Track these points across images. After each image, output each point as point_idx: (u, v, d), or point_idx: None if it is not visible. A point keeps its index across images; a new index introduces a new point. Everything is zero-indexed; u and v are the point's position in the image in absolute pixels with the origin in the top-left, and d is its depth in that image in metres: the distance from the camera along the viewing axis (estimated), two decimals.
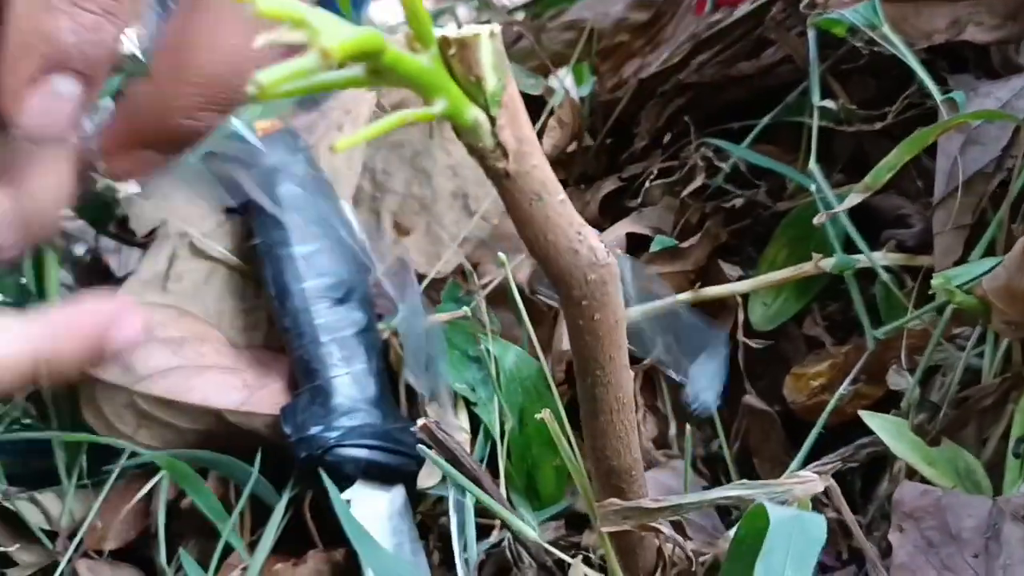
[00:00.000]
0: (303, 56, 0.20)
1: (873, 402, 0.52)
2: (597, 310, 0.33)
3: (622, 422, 0.37)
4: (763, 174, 0.64)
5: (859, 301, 0.52)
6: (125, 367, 0.55)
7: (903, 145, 0.45)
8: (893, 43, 0.49)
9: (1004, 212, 0.45)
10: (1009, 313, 0.43)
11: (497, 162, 0.29)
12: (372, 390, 0.58)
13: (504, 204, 0.31)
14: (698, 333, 0.56)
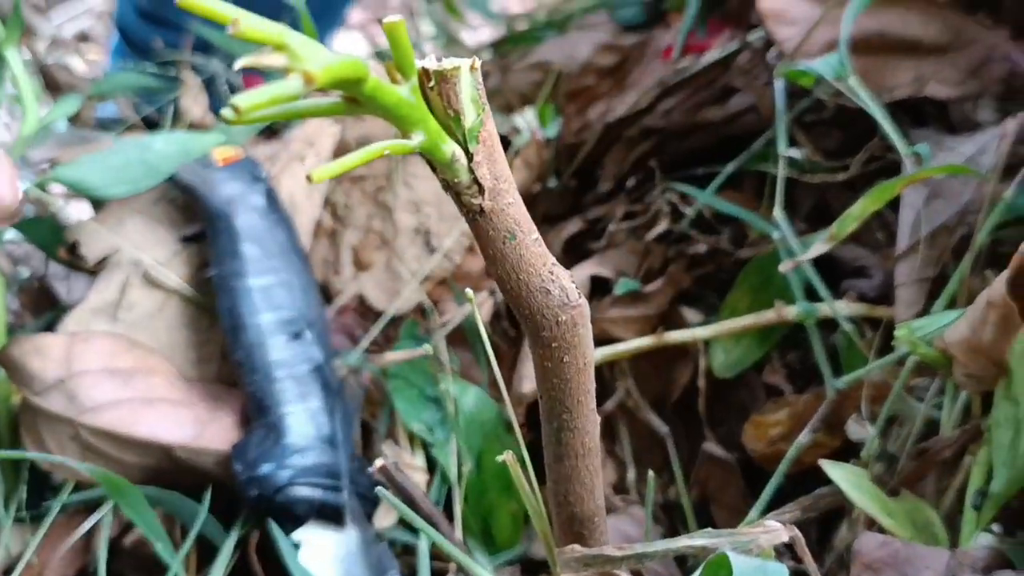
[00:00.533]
0: (284, 80, 0.19)
1: (831, 451, 0.52)
2: (566, 352, 0.33)
3: (587, 467, 0.37)
4: (726, 221, 0.64)
5: (820, 350, 0.52)
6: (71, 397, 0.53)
7: (869, 196, 0.45)
8: (859, 95, 0.50)
9: (966, 266, 0.45)
10: (970, 366, 0.43)
11: (472, 198, 0.28)
12: (327, 428, 0.57)
13: (476, 241, 0.30)
14: None
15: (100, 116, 0.91)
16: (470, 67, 0.26)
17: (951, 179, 0.48)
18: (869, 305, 0.53)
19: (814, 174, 0.58)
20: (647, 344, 0.58)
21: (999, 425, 0.42)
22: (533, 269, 0.31)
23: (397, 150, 0.25)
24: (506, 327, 0.67)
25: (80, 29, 1.62)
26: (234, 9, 0.20)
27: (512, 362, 0.64)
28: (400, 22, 0.23)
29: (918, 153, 0.46)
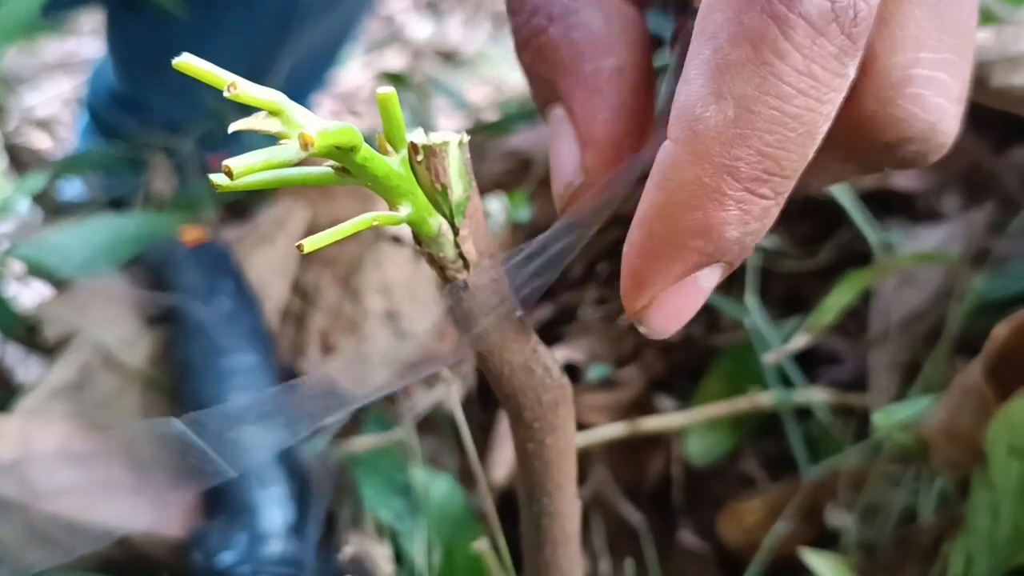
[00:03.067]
0: (280, 145, 0.19)
1: (807, 540, 0.52)
2: (548, 433, 0.32)
3: (567, 555, 0.36)
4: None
5: (796, 438, 0.52)
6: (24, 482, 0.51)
7: (844, 285, 0.46)
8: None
9: (941, 352, 0.46)
10: (947, 452, 0.43)
11: (457, 274, 0.28)
12: (291, 516, 0.55)
13: (459, 318, 0.30)
14: None
15: (66, 196, 0.90)
16: (459, 142, 0.26)
17: (920, 267, 0.49)
18: (843, 392, 0.53)
19: (784, 261, 0.59)
20: (621, 432, 0.57)
21: (977, 511, 0.42)
22: (516, 347, 0.30)
23: (385, 222, 0.24)
24: (477, 413, 0.66)
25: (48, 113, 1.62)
26: (230, 75, 0.19)
27: (484, 449, 0.63)
28: (392, 94, 0.23)
29: (889, 242, 0.47)
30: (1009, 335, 0.40)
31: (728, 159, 0.24)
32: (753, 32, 0.24)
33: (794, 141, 0.24)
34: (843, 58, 0.24)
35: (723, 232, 0.25)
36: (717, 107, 0.24)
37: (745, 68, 0.24)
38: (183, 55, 0.19)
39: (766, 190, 0.25)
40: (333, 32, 1.12)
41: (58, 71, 1.76)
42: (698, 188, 0.25)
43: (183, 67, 0.19)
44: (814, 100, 0.24)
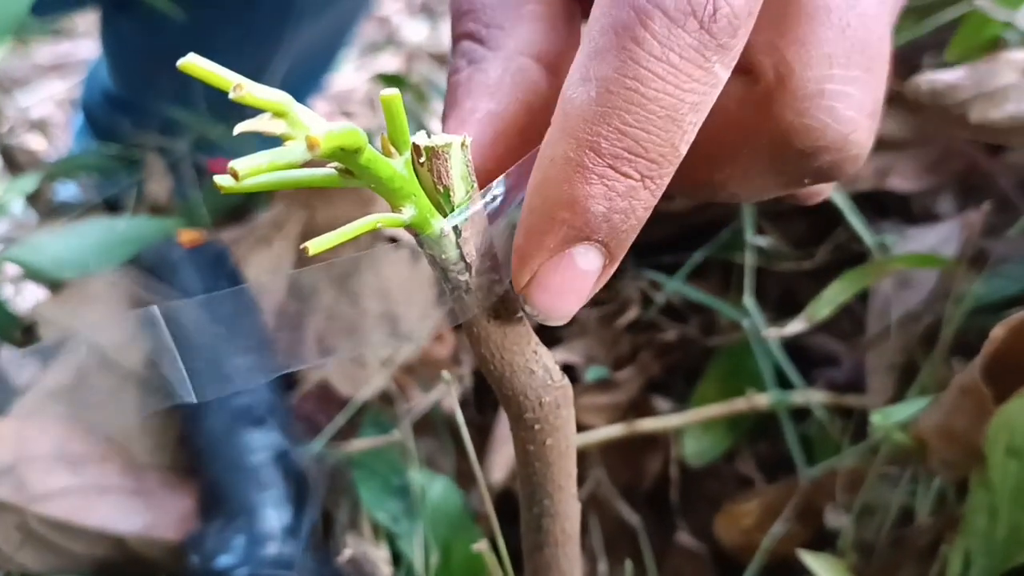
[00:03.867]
0: (286, 146, 0.19)
1: (803, 541, 0.52)
2: (549, 434, 0.32)
3: (567, 555, 0.36)
4: (694, 309, 0.64)
5: (793, 439, 0.52)
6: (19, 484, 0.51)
7: (844, 280, 0.46)
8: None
9: (939, 353, 0.46)
10: (945, 453, 0.43)
11: (459, 275, 0.28)
12: (288, 518, 0.55)
13: (460, 319, 0.30)
14: None
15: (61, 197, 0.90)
16: (461, 144, 0.26)
17: (916, 268, 0.49)
18: (840, 393, 0.53)
19: (780, 262, 0.59)
20: (618, 433, 0.57)
21: (975, 512, 0.42)
22: (517, 348, 0.30)
23: (389, 223, 0.24)
24: (474, 416, 0.66)
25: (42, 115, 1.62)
26: (235, 75, 0.19)
27: (481, 451, 0.63)
28: (396, 95, 0.23)
29: (885, 244, 0.47)
30: (1007, 336, 0.40)
31: (590, 135, 0.26)
32: (618, 22, 0.26)
33: (654, 124, 0.26)
34: (703, 51, 0.26)
35: (587, 205, 0.27)
36: (583, 88, 0.27)
37: (608, 53, 0.26)
38: (189, 55, 0.19)
39: (629, 169, 0.27)
40: (328, 35, 1.12)
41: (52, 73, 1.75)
42: (565, 163, 0.27)
43: (188, 68, 0.19)
44: (672, 86, 0.26)
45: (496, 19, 0.33)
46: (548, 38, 0.33)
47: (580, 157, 0.27)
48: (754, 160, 0.31)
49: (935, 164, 0.56)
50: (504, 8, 0.33)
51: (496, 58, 0.32)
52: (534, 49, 0.32)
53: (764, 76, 0.29)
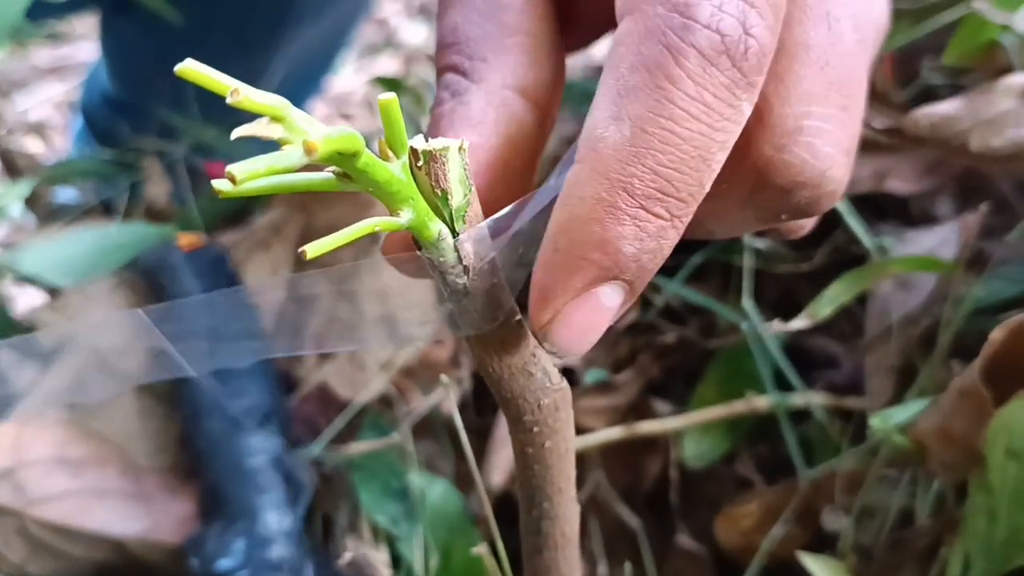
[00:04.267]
0: (283, 150, 0.19)
1: (803, 543, 0.52)
2: (548, 437, 0.32)
3: (566, 559, 0.36)
4: (693, 312, 0.64)
5: (792, 441, 0.52)
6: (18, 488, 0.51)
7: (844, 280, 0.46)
8: None
9: (939, 355, 0.46)
10: (944, 455, 0.43)
11: (457, 278, 0.28)
12: (288, 521, 0.55)
13: (458, 322, 0.30)
14: None
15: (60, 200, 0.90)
16: (459, 148, 0.26)
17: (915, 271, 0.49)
18: (839, 395, 0.53)
19: (779, 265, 0.59)
20: (617, 435, 0.57)
21: (974, 514, 0.42)
22: (516, 351, 0.30)
23: (387, 227, 0.24)
24: (473, 418, 0.66)
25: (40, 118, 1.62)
26: (232, 80, 0.19)
27: (480, 454, 0.63)
28: (393, 100, 0.23)
29: (883, 246, 0.47)
30: (1006, 338, 0.40)
31: (624, 175, 0.26)
32: (650, 60, 0.26)
33: (687, 164, 0.26)
34: (734, 89, 0.27)
35: (619, 246, 0.27)
36: (615, 127, 0.26)
37: (641, 92, 0.26)
38: (186, 61, 0.19)
39: (661, 209, 0.27)
40: (327, 37, 1.12)
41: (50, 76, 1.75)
42: (596, 203, 0.26)
43: (185, 73, 0.19)
44: (706, 125, 0.26)
45: (479, 52, 0.32)
46: (532, 71, 0.32)
47: (613, 198, 0.26)
48: (731, 196, 0.31)
49: (933, 166, 0.56)
50: (488, 40, 0.32)
51: (479, 91, 0.32)
52: (518, 82, 0.32)
53: None
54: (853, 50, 0.30)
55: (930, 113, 0.48)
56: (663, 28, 0.26)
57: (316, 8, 1.01)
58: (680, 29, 0.26)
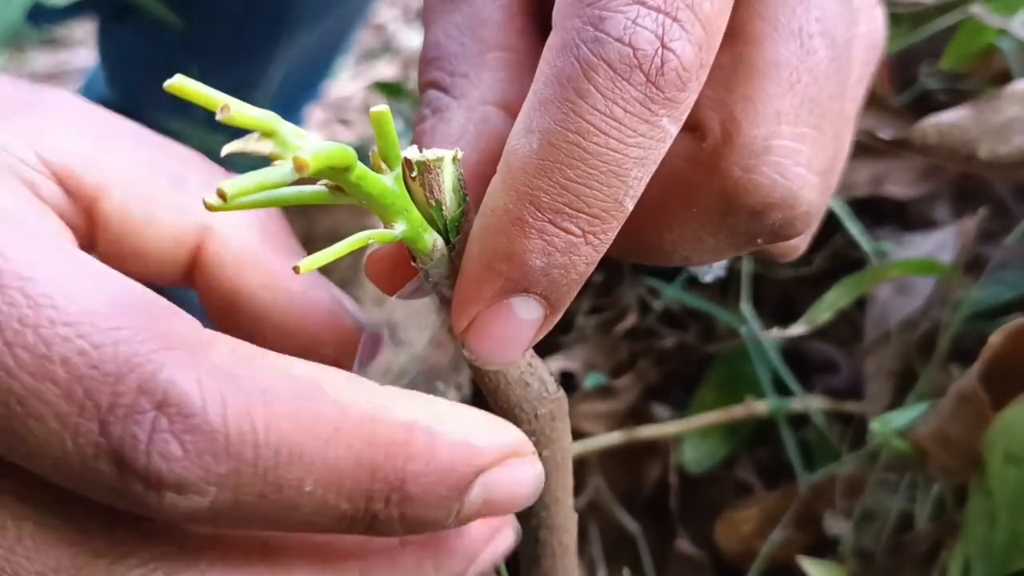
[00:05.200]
0: (274, 166, 0.19)
1: (803, 547, 0.52)
2: (545, 446, 0.32)
3: (564, 567, 0.36)
4: (693, 316, 0.64)
5: (792, 445, 0.52)
6: None
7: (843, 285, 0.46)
8: None
9: (938, 359, 0.46)
10: (943, 459, 0.43)
11: (452, 289, 0.28)
12: None
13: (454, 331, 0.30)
14: None
15: None
16: (453, 158, 0.26)
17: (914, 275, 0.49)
18: (839, 400, 0.53)
19: (777, 269, 0.59)
20: (617, 440, 0.57)
21: (974, 518, 0.42)
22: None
23: (381, 239, 0.24)
24: None
25: None
26: (222, 96, 0.19)
27: None
28: (386, 112, 0.23)
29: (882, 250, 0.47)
30: (1004, 342, 0.40)
31: (531, 188, 0.26)
32: (562, 73, 0.26)
33: (596, 179, 0.26)
34: (649, 105, 0.25)
35: (525, 259, 0.26)
36: (526, 140, 0.26)
37: (552, 105, 0.26)
38: (176, 77, 0.19)
39: (570, 224, 0.26)
40: (325, 43, 1.12)
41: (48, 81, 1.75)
42: (503, 214, 0.26)
43: (176, 89, 0.19)
44: (615, 140, 0.25)
45: (460, 68, 0.32)
46: (512, 86, 0.32)
47: (519, 210, 0.26)
48: (704, 220, 0.30)
49: (931, 171, 0.56)
50: (468, 56, 0.32)
51: (460, 107, 0.31)
52: (498, 97, 0.31)
53: (711, 132, 0.29)
54: (827, 68, 0.29)
55: (937, 123, 0.48)
56: (576, 41, 0.25)
57: (314, 13, 1.01)
58: (591, 42, 0.25)
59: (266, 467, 0.21)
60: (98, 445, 0.21)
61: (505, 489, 0.25)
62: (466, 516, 0.25)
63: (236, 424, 0.21)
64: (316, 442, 0.22)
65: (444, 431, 0.24)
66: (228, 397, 0.21)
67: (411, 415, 0.23)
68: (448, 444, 0.24)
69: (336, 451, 0.22)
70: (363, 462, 0.22)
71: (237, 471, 0.21)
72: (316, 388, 0.22)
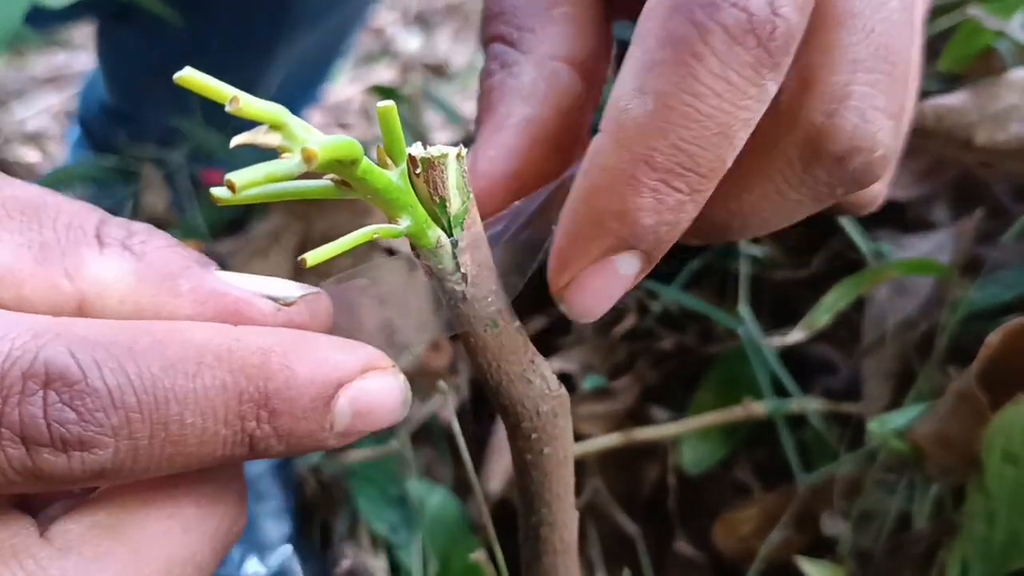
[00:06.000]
0: (282, 158, 0.19)
1: (801, 548, 0.52)
2: (547, 443, 0.32)
3: (565, 565, 0.36)
4: (691, 318, 0.64)
5: (790, 446, 0.52)
6: None
7: (839, 288, 0.46)
8: None
9: (935, 360, 0.46)
10: (941, 459, 0.43)
11: (456, 285, 0.28)
12: (286, 529, 0.55)
13: (458, 329, 0.30)
14: None
15: None
16: (457, 155, 0.26)
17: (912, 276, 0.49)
18: (837, 401, 0.53)
19: (776, 271, 0.59)
20: (615, 441, 0.57)
21: (973, 518, 0.42)
22: (514, 358, 0.30)
23: (386, 234, 0.24)
24: (471, 425, 0.66)
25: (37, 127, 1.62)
26: (231, 88, 0.19)
27: (478, 461, 0.62)
28: (392, 107, 0.23)
29: (881, 251, 0.48)
30: (1002, 343, 0.40)
31: (645, 149, 0.27)
32: (676, 36, 0.26)
33: (708, 140, 0.27)
34: (760, 68, 0.27)
35: (638, 217, 0.28)
36: (639, 101, 0.27)
37: (666, 67, 0.27)
38: (185, 69, 0.19)
39: (680, 183, 0.27)
40: (324, 46, 1.12)
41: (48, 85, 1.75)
42: (617, 173, 0.27)
43: (185, 81, 0.19)
44: (728, 103, 0.27)
45: (527, 22, 0.33)
46: (579, 41, 0.33)
47: (634, 170, 0.27)
48: (787, 174, 0.31)
49: (928, 172, 0.56)
50: (534, 11, 0.33)
51: (528, 62, 0.32)
52: (566, 52, 0.32)
53: (787, 84, 0.29)
54: (899, 17, 0.30)
55: (936, 105, 0.48)
56: (691, 4, 0.26)
57: (313, 15, 1.01)
58: (707, 6, 0.26)
59: (150, 409, 0.23)
60: (1, 435, 0.22)
61: (370, 399, 0.27)
62: (342, 431, 0.26)
63: (114, 380, 0.23)
64: (185, 378, 0.23)
65: (297, 352, 0.25)
66: (101, 360, 0.23)
67: (265, 343, 0.25)
68: (303, 362, 0.25)
69: (203, 382, 0.23)
70: (229, 387, 0.24)
71: (127, 419, 0.23)
72: (174, 335, 0.24)
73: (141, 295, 0.25)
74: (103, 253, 0.25)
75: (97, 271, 0.25)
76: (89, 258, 0.25)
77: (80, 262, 0.25)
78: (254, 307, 0.26)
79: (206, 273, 0.26)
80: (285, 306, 0.27)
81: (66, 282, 0.24)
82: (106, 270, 0.25)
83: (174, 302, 0.25)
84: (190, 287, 0.26)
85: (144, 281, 0.25)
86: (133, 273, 0.25)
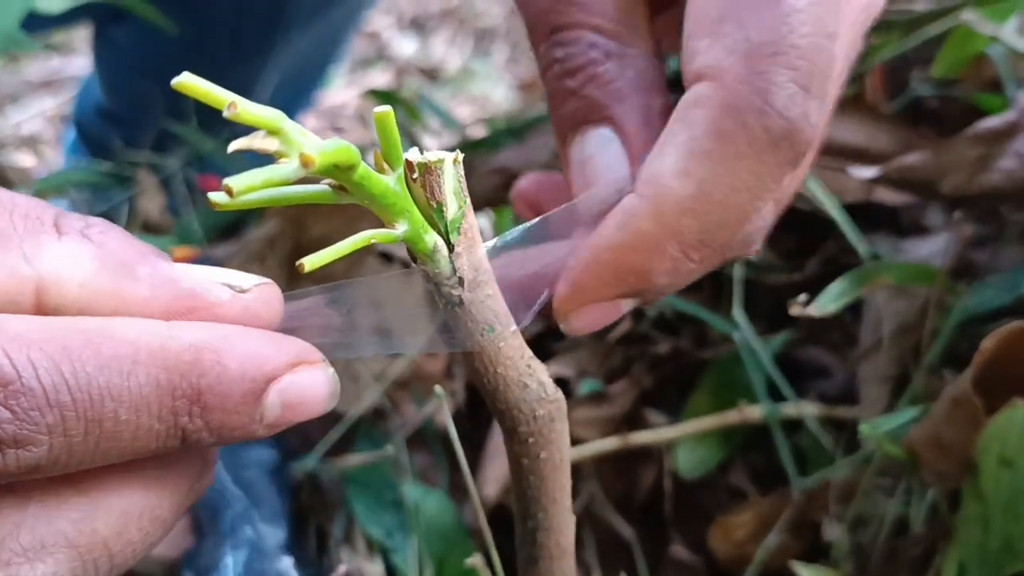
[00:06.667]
0: (280, 163, 0.19)
1: (797, 552, 0.52)
2: (543, 448, 0.32)
3: (561, 569, 0.36)
4: (686, 322, 0.65)
5: (786, 450, 0.52)
6: None
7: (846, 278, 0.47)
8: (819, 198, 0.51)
9: (930, 364, 0.46)
10: (937, 464, 0.43)
11: (452, 289, 0.28)
12: (282, 533, 0.55)
13: (454, 333, 0.30)
14: None
15: None
16: (453, 160, 0.26)
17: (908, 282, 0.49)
18: (832, 405, 0.53)
19: (771, 275, 0.59)
20: (611, 446, 0.57)
21: (968, 522, 0.42)
22: (511, 362, 0.30)
23: (383, 239, 0.25)
24: (467, 430, 0.66)
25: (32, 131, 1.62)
26: (229, 94, 0.20)
27: (474, 465, 0.62)
28: (389, 113, 0.23)
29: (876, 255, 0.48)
30: (997, 347, 0.40)
31: (678, 226, 0.31)
32: (725, 132, 0.30)
33: (730, 224, 0.31)
34: (786, 167, 0.30)
35: (654, 279, 0.32)
36: (680, 182, 0.31)
37: (712, 159, 0.30)
38: (183, 74, 0.19)
39: (696, 255, 0.31)
40: (319, 50, 1.12)
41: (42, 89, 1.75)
42: (649, 239, 0.31)
43: (183, 87, 0.19)
44: (755, 196, 0.31)
45: (608, 12, 0.35)
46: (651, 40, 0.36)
47: (664, 241, 0.31)
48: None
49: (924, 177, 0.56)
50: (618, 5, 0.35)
51: (632, 51, 0.35)
52: (653, 49, 0.35)
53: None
54: None
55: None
56: (743, 107, 0.29)
57: (307, 18, 1.01)
58: (758, 113, 0.29)
59: (84, 408, 0.23)
60: None
61: (299, 392, 0.27)
62: (272, 422, 0.27)
63: (48, 379, 0.23)
64: (119, 376, 0.24)
65: (229, 347, 0.25)
66: (35, 359, 0.23)
67: (198, 338, 0.25)
68: (234, 357, 0.25)
69: (137, 380, 0.24)
70: (162, 384, 0.24)
71: (62, 416, 0.23)
72: (107, 333, 0.24)
73: (101, 280, 0.25)
74: (62, 240, 0.25)
75: (56, 255, 0.25)
76: (48, 244, 0.25)
77: (39, 248, 0.25)
78: (211, 292, 0.27)
79: (163, 261, 0.26)
80: (240, 293, 0.27)
81: (25, 265, 0.24)
82: (66, 255, 0.25)
83: (133, 286, 0.26)
84: (148, 272, 0.26)
85: (104, 266, 0.25)
86: (93, 259, 0.25)
